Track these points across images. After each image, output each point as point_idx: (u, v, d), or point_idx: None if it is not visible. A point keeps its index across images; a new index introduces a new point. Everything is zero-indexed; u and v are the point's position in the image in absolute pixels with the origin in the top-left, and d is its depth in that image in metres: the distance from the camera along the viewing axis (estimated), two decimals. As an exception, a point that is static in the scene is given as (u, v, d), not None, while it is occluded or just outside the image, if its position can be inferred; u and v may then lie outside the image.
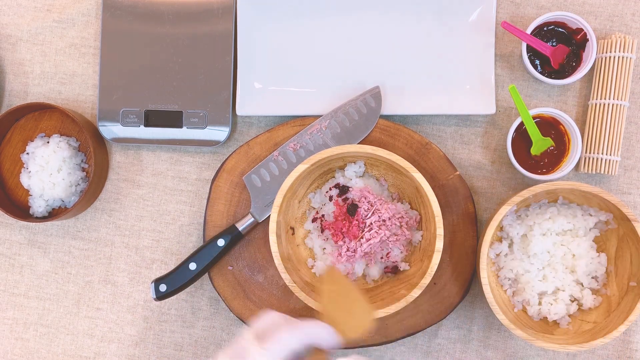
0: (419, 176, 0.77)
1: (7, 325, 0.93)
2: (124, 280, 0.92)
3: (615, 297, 0.82)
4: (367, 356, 0.90)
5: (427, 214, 0.82)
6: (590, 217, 0.84)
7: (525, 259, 0.84)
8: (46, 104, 0.88)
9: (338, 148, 0.78)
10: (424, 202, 0.80)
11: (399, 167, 0.78)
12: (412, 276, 0.81)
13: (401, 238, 0.83)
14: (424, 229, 0.84)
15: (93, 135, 0.89)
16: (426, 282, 0.76)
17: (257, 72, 0.90)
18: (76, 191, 0.90)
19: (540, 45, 0.86)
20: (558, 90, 0.90)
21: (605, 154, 0.86)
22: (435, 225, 0.77)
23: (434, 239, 0.77)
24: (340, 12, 0.89)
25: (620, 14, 0.90)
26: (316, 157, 0.78)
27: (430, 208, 0.77)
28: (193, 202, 0.92)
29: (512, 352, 0.89)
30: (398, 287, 0.81)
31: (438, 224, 0.77)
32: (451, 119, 0.91)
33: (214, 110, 0.89)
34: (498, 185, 0.90)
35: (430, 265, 0.76)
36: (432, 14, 0.89)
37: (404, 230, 0.83)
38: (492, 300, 0.79)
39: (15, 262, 0.93)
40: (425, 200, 0.78)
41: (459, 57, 0.89)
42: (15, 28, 0.94)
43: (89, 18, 0.94)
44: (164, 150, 0.92)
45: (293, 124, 0.88)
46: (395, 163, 0.78)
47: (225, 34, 0.89)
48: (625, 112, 0.87)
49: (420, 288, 0.76)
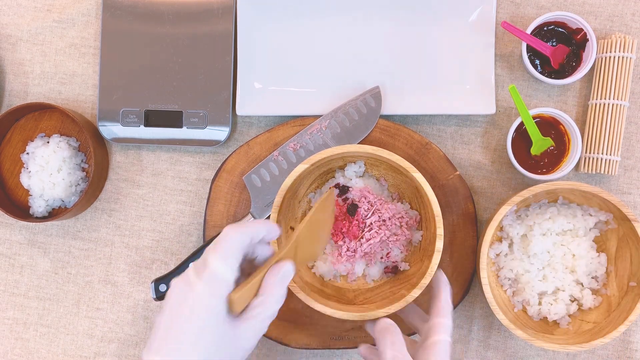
0: (419, 176, 0.77)
1: (7, 325, 0.93)
2: (124, 280, 0.92)
3: (615, 297, 0.82)
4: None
5: (427, 214, 0.82)
6: (590, 217, 0.84)
7: (525, 259, 0.84)
8: (46, 104, 0.88)
9: (338, 148, 0.78)
10: (424, 202, 0.80)
11: (399, 167, 0.78)
12: (412, 276, 0.81)
13: (401, 238, 0.83)
14: (424, 229, 0.84)
15: (93, 136, 0.89)
16: (426, 282, 0.76)
17: (257, 72, 0.90)
18: (76, 191, 0.90)
19: (540, 45, 0.86)
20: (558, 90, 0.90)
21: (605, 154, 0.86)
22: (435, 225, 0.77)
23: (434, 239, 0.77)
24: (340, 12, 0.89)
25: (620, 14, 0.90)
26: (316, 157, 0.78)
27: (430, 208, 0.77)
28: (193, 202, 0.92)
29: (512, 352, 0.89)
30: (398, 287, 0.81)
31: (438, 224, 0.76)
32: (451, 119, 0.91)
33: (214, 110, 0.89)
34: (498, 185, 0.90)
35: (430, 265, 0.76)
36: (432, 14, 0.89)
37: (404, 230, 0.83)
38: (492, 300, 0.79)
39: (15, 262, 0.93)
40: (425, 201, 0.78)
41: (459, 57, 0.89)
42: (15, 28, 0.94)
43: (89, 18, 0.94)
44: (164, 150, 0.92)
45: (293, 124, 0.88)
46: (395, 163, 0.78)
47: (225, 34, 0.89)
48: (625, 112, 0.87)
49: (420, 288, 0.76)
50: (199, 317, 0.58)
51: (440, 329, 0.69)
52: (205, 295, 0.58)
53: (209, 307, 0.58)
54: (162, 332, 0.58)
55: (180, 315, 0.58)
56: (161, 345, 0.58)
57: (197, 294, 0.58)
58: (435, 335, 0.68)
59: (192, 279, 0.59)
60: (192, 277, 0.59)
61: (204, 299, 0.58)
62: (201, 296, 0.58)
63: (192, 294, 0.58)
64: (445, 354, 0.67)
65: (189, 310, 0.58)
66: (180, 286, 0.59)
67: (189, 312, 0.58)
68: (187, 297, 0.58)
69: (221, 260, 0.59)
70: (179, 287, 0.59)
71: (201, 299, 0.58)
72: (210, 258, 0.59)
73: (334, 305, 0.78)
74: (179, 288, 0.59)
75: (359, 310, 0.76)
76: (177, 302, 0.59)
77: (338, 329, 0.86)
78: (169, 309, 0.59)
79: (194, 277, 0.59)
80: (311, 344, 0.86)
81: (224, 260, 0.59)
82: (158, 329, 0.58)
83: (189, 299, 0.58)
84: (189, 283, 0.59)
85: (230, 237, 0.60)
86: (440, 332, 0.68)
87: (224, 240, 0.60)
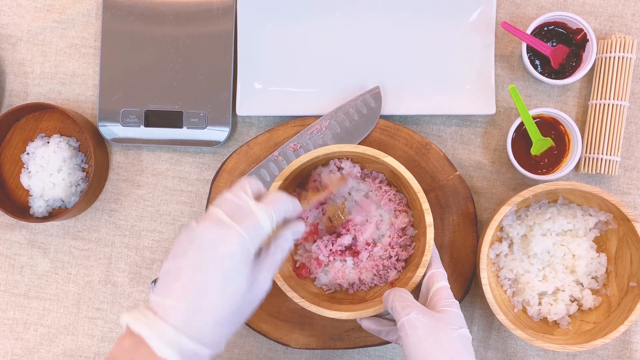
0: (390, 159, 0.78)
1: (7, 325, 0.93)
2: (124, 280, 0.92)
3: (615, 297, 0.82)
4: (367, 356, 0.90)
5: (410, 195, 0.81)
6: (590, 217, 0.84)
7: (525, 259, 0.84)
8: (46, 104, 0.88)
9: (313, 152, 0.79)
10: (404, 184, 0.80)
11: (371, 157, 0.78)
12: (413, 257, 0.81)
13: (394, 237, 0.83)
14: (412, 208, 0.83)
15: (93, 136, 0.89)
16: (427, 259, 0.76)
17: (257, 72, 0.90)
18: (76, 191, 0.90)
19: (540, 46, 0.86)
20: (558, 91, 0.90)
21: (605, 154, 0.86)
22: (420, 202, 0.77)
23: (423, 217, 0.77)
24: (341, 13, 0.89)
25: (620, 14, 0.90)
26: (288, 169, 0.79)
27: (412, 188, 0.77)
28: (193, 202, 0.92)
29: (512, 352, 0.89)
30: (405, 273, 0.81)
31: (422, 199, 0.77)
32: (451, 119, 0.91)
33: (214, 111, 0.89)
34: (498, 185, 0.90)
35: (426, 241, 0.76)
36: (432, 14, 0.89)
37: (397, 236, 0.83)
38: (492, 300, 0.79)
39: (16, 263, 0.93)
40: (404, 182, 0.78)
41: (459, 57, 0.89)
42: (15, 28, 0.94)
43: (89, 18, 0.94)
44: (164, 151, 0.93)
45: (293, 124, 0.88)
46: (364, 154, 0.78)
47: (225, 34, 0.89)
48: (625, 112, 0.87)
49: (423, 267, 0.76)
50: (232, 261, 0.57)
51: (439, 277, 0.74)
52: (246, 240, 0.58)
53: (244, 252, 0.58)
54: (187, 274, 0.56)
55: (213, 257, 0.57)
56: (187, 289, 0.56)
57: (237, 237, 0.58)
58: (436, 283, 0.74)
59: (228, 223, 0.58)
60: (228, 221, 0.58)
61: (244, 242, 0.58)
62: (241, 239, 0.58)
63: (230, 237, 0.57)
64: (450, 295, 0.72)
65: (223, 253, 0.57)
66: (212, 228, 0.58)
67: (221, 255, 0.57)
68: (225, 238, 0.57)
69: (267, 214, 0.60)
70: (209, 229, 0.58)
71: (241, 242, 0.58)
72: (258, 209, 0.60)
73: (337, 307, 0.78)
74: (209, 229, 0.58)
75: (358, 309, 0.77)
76: (211, 243, 0.57)
77: (338, 329, 0.86)
78: (197, 250, 0.57)
79: (230, 222, 0.58)
80: (311, 344, 0.86)
81: (270, 215, 0.61)
82: (181, 270, 0.57)
83: (227, 242, 0.57)
84: (224, 226, 0.58)
85: (282, 199, 0.63)
86: (440, 279, 0.74)
87: (276, 200, 0.62)
